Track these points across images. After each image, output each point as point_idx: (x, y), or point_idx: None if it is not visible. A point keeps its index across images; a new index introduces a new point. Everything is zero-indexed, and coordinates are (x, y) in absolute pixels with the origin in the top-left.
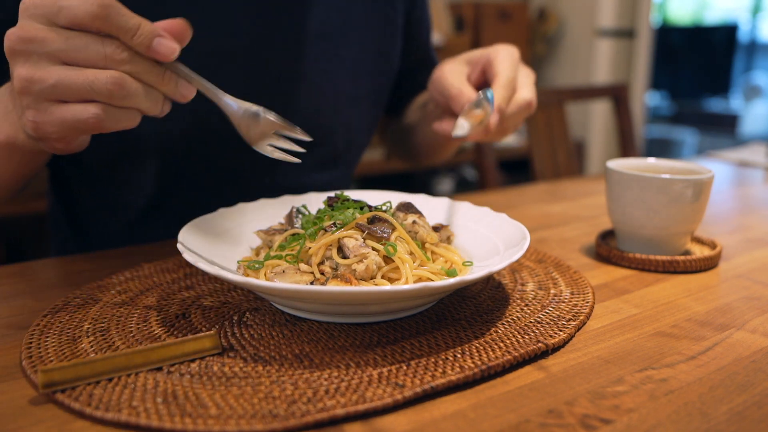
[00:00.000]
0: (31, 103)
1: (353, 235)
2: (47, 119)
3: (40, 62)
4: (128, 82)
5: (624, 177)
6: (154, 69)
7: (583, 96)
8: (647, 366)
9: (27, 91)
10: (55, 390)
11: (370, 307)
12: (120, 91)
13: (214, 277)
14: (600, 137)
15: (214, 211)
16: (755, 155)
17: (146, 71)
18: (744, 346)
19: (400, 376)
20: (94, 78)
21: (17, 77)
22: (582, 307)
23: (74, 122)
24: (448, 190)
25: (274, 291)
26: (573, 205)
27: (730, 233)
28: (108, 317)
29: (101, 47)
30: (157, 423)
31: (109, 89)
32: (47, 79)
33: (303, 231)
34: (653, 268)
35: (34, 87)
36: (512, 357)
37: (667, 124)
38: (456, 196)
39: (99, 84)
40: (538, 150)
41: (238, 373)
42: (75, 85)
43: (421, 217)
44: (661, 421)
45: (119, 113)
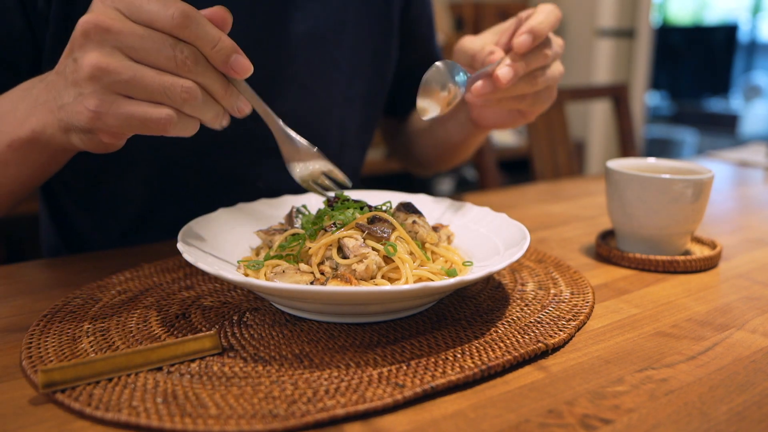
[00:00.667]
0: (97, 92)
1: (353, 235)
2: (112, 111)
3: (114, 53)
4: (199, 93)
5: (624, 177)
6: (221, 82)
7: (583, 96)
8: (647, 366)
9: (96, 79)
10: (55, 390)
11: (370, 307)
12: (193, 100)
13: (214, 277)
14: (600, 137)
15: (213, 212)
16: (755, 155)
17: (213, 83)
18: (744, 346)
19: (400, 376)
20: (171, 83)
21: (88, 64)
22: (582, 307)
23: (142, 120)
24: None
25: (274, 291)
26: (573, 205)
27: (730, 233)
28: (108, 317)
29: (175, 52)
30: (157, 423)
31: (183, 97)
32: (122, 73)
33: (303, 231)
34: (653, 268)
35: (107, 77)
36: (512, 357)
37: (667, 124)
38: (456, 196)
39: (174, 90)
40: (538, 150)
41: (238, 373)
42: (151, 86)
43: (420, 217)
44: (661, 421)
45: (186, 120)
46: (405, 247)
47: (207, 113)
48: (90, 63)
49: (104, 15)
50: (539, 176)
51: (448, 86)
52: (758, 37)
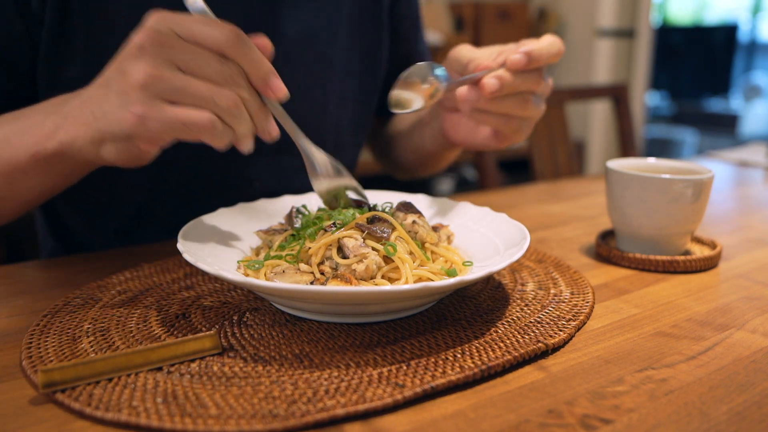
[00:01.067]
0: (144, 98)
1: (353, 235)
2: (157, 116)
3: (167, 65)
4: (242, 105)
5: (624, 177)
6: (257, 101)
7: (583, 96)
8: (647, 366)
9: (147, 87)
10: (55, 390)
11: (370, 307)
12: (236, 110)
13: (214, 277)
14: (600, 137)
15: (213, 212)
16: (755, 155)
17: (251, 101)
18: (744, 346)
19: (400, 376)
20: (218, 92)
21: (140, 71)
22: (582, 307)
23: (185, 123)
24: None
25: (274, 291)
26: (573, 205)
27: (730, 233)
28: (108, 317)
29: (223, 67)
30: (157, 423)
31: (228, 105)
32: (174, 81)
33: (302, 230)
34: (653, 268)
35: (159, 84)
36: (512, 357)
37: (667, 124)
38: (456, 196)
39: (221, 99)
40: (538, 150)
41: (238, 373)
42: (200, 92)
43: (420, 217)
44: (661, 421)
45: (224, 129)
46: (405, 247)
47: (242, 126)
48: (141, 71)
49: (158, 32)
50: (539, 176)
51: (429, 79)
52: (758, 37)
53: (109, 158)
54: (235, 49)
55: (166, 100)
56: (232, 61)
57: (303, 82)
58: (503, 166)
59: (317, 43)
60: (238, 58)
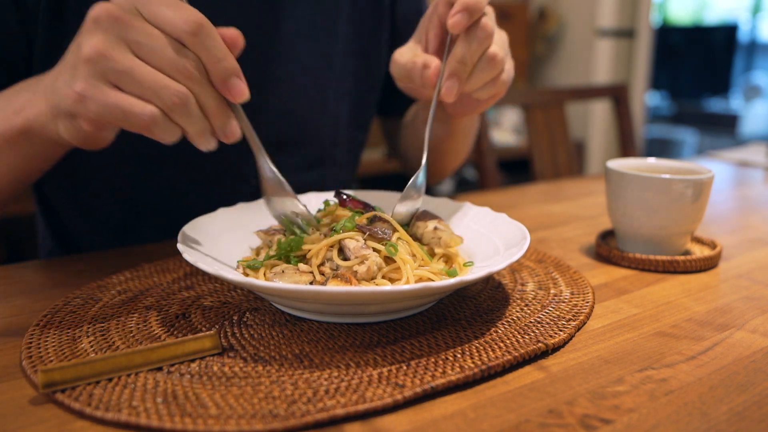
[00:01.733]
0: (88, 75)
1: (354, 237)
2: (97, 97)
3: (118, 43)
4: (192, 102)
5: (624, 177)
6: (215, 99)
7: (583, 96)
8: (647, 366)
9: (93, 63)
10: (55, 390)
11: (370, 307)
12: (182, 108)
13: (214, 277)
14: (600, 137)
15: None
16: (755, 155)
17: (207, 99)
18: (744, 346)
19: (400, 376)
20: (165, 83)
21: (90, 45)
22: (582, 307)
23: (125, 112)
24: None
25: (274, 291)
26: (573, 205)
27: (730, 233)
28: (108, 317)
29: (178, 57)
30: (157, 423)
31: (173, 101)
32: (120, 62)
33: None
34: (653, 268)
35: (104, 63)
36: (512, 357)
37: (667, 124)
38: (456, 196)
39: (167, 92)
40: (538, 150)
41: (238, 373)
42: (145, 81)
43: (441, 222)
44: (661, 421)
45: (169, 126)
46: (406, 248)
47: (193, 126)
48: (91, 46)
49: (119, 7)
50: (539, 176)
51: (419, 186)
52: (758, 37)
53: (66, 137)
54: (195, 39)
55: (110, 82)
56: (192, 52)
57: (301, 79)
58: (503, 166)
59: (316, 41)
60: (198, 50)
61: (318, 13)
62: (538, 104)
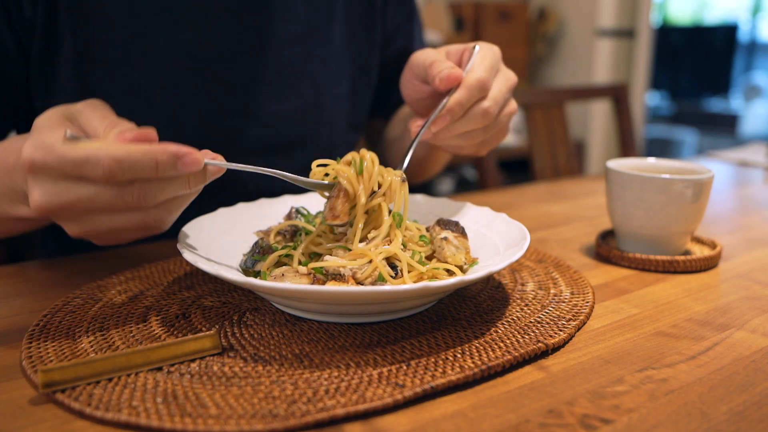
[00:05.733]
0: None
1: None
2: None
3: (77, 222)
4: (152, 221)
5: (624, 177)
6: (178, 181)
7: (583, 96)
8: (647, 366)
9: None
10: (55, 390)
11: (370, 307)
12: (156, 224)
13: (214, 277)
14: (600, 137)
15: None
16: (755, 155)
17: (177, 190)
18: (744, 346)
19: (400, 376)
20: (123, 226)
21: (37, 207)
22: (582, 307)
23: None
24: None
25: (274, 291)
26: (573, 205)
27: (730, 233)
28: (108, 317)
29: (124, 198)
30: (157, 423)
31: (142, 226)
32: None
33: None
34: (653, 268)
35: (63, 213)
36: (512, 357)
37: (667, 124)
38: (456, 196)
39: (130, 229)
40: (538, 150)
41: (238, 373)
42: (109, 233)
43: (458, 237)
44: (661, 421)
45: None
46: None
47: (172, 215)
48: (40, 208)
49: (51, 195)
50: (539, 176)
51: None
52: (758, 37)
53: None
54: (123, 176)
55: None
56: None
57: (297, 82)
58: (503, 166)
59: (312, 44)
60: (132, 180)
61: (312, 16)
62: (538, 104)
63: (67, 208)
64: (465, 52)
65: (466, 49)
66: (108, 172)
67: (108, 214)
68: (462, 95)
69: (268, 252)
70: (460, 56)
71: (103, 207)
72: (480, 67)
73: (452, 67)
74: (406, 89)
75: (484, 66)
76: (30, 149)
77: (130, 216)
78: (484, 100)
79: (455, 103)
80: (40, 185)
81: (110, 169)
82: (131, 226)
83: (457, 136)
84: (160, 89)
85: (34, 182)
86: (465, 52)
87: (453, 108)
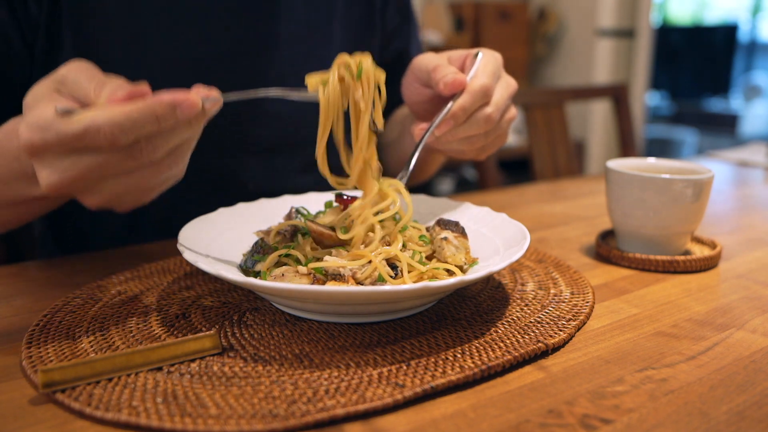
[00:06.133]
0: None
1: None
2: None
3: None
4: (167, 170)
5: (624, 177)
6: (181, 127)
7: (583, 96)
8: (647, 366)
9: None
10: (55, 390)
11: (370, 307)
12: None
13: (214, 277)
14: (600, 137)
15: (211, 212)
16: (755, 155)
17: (178, 135)
18: (744, 346)
19: (400, 376)
20: (141, 183)
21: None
22: (582, 307)
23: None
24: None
25: (274, 291)
26: (573, 205)
27: (730, 233)
28: (108, 317)
29: (131, 158)
30: (157, 423)
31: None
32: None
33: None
34: (653, 268)
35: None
36: (512, 357)
37: (667, 124)
38: (456, 196)
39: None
40: (538, 150)
41: (238, 373)
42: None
43: (458, 237)
44: (661, 421)
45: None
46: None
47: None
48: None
49: (60, 172)
50: (539, 176)
51: None
52: (758, 37)
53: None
54: (125, 138)
55: None
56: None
57: (297, 82)
58: (503, 166)
59: (312, 44)
60: (136, 138)
61: (312, 16)
62: (538, 104)
63: (79, 180)
64: (467, 58)
65: (469, 56)
66: (110, 138)
67: (122, 177)
68: (466, 101)
69: (268, 252)
70: (463, 62)
71: (114, 171)
72: (483, 74)
73: (456, 72)
74: (407, 91)
75: (487, 72)
76: (26, 132)
77: (145, 172)
78: (487, 106)
79: (459, 108)
80: (47, 165)
81: (112, 135)
82: (148, 182)
83: (459, 141)
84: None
85: (39, 164)
86: (467, 58)
87: (457, 113)
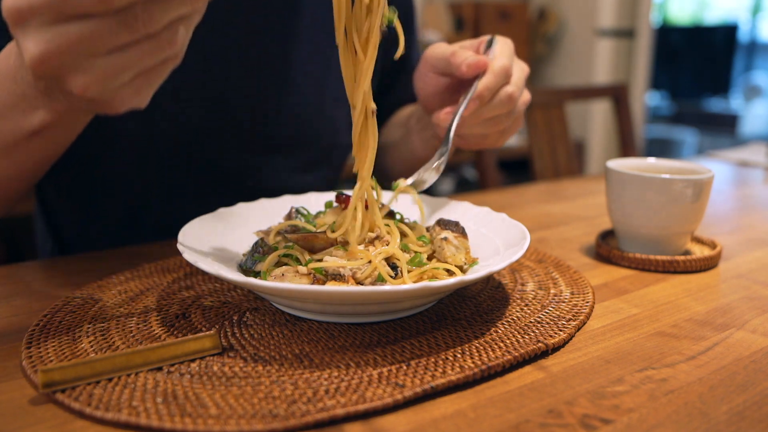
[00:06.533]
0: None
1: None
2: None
3: (88, 71)
4: (167, 45)
5: (624, 177)
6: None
7: (583, 96)
8: (647, 366)
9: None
10: (55, 390)
11: (370, 307)
12: (169, 58)
13: (214, 277)
14: (600, 137)
15: (210, 212)
16: (755, 155)
17: (177, 5)
18: (744, 346)
19: (400, 376)
20: (137, 60)
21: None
22: (582, 307)
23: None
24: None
25: (274, 291)
26: (573, 205)
27: (730, 233)
28: (108, 317)
29: (125, 26)
30: (157, 423)
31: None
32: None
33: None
34: (653, 268)
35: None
36: (512, 357)
37: (667, 124)
38: (456, 196)
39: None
40: (538, 150)
41: (238, 373)
42: (130, 65)
43: (458, 237)
44: (661, 421)
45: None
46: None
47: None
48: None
49: (47, 41)
50: (539, 176)
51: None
52: (758, 37)
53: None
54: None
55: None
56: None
57: (301, 82)
58: (503, 166)
59: (317, 45)
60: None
61: (321, 16)
62: (538, 104)
63: (68, 52)
64: (480, 44)
65: (482, 42)
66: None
67: (117, 53)
68: (490, 80)
69: (268, 252)
70: (477, 49)
71: (107, 43)
72: (502, 55)
73: (476, 54)
74: (420, 83)
75: (506, 54)
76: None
77: (143, 47)
78: (507, 85)
79: (484, 88)
80: (32, 35)
81: None
82: (144, 61)
83: (483, 123)
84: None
85: (23, 34)
86: (480, 44)
87: (483, 92)
